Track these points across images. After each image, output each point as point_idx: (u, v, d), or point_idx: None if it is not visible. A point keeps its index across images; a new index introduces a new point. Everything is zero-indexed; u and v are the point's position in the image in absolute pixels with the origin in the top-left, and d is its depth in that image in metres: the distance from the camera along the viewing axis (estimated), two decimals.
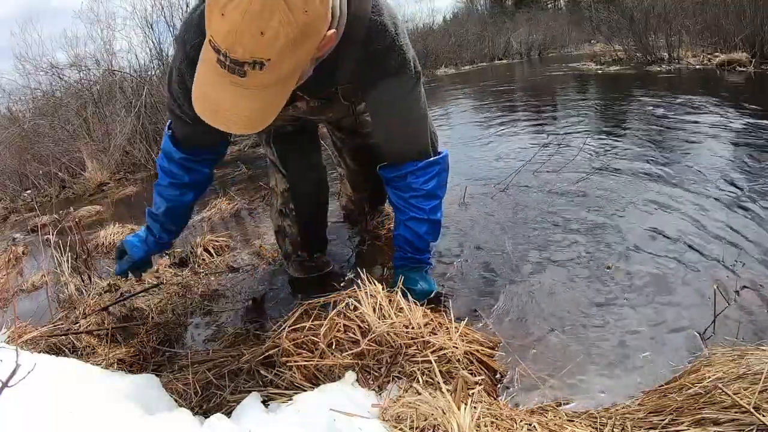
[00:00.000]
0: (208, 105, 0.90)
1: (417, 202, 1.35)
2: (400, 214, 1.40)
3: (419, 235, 1.38)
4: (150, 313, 1.59)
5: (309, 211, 1.64)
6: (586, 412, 0.92)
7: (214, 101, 0.89)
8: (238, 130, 0.93)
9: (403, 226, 1.39)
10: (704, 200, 1.86)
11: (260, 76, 0.84)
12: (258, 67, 0.83)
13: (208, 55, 0.86)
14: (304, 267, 1.70)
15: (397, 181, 1.36)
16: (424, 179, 1.33)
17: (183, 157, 1.31)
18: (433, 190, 1.34)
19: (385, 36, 1.11)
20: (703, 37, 7.31)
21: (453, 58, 13.39)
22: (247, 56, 0.81)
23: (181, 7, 5.93)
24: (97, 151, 4.91)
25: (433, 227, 1.39)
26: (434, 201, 1.36)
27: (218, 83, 0.87)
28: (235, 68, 0.83)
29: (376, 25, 1.09)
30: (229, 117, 0.90)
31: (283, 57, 0.83)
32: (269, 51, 0.81)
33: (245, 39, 0.79)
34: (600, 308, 1.30)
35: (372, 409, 0.87)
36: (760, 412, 0.74)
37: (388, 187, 1.42)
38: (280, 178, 1.61)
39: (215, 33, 0.81)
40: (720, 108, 3.49)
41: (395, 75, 1.18)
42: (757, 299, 1.23)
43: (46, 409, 0.70)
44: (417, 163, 1.31)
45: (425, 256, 1.43)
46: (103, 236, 2.52)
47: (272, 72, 0.84)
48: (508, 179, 2.41)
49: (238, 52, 0.81)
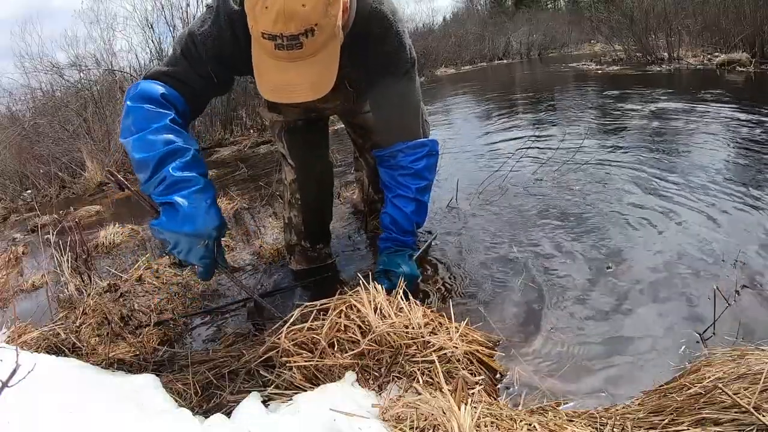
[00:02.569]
0: (281, 88, 1.07)
1: (405, 180, 1.41)
2: (388, 192, 1.46)
3: (405, 213, 1.42)
4: (150, 313, 1.59)
5: (313, 201, 1.70)
6: (586, 412, 0.92)
7: (283, 82, 1.06)
8: (310, 96, 1.08)
9: (391, 205, 1.44)
10: (704, 200, 1.86)
11: (314, 41, 1.02)
12: (310, 34, 1.01)
13: (264, 48, 1.03)
14: (306, 257, 1.76)
15: (387, 160, 1.43)
16: (413, 158, 1.40)
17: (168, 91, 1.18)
18: (420, 171, 1.41)
19: (383, 21, 1.26)
20: (703, 37, 7.31)
21: (453, 58, 13.38)
22: (301, 27, 0.99)
23: (181, 6, 5.93)
24: (97, 151, 4.90)
25: (420, 207, 1.44)
26: (422, 182, 1.42)
27: (280, 67, 1.04)
28: (293, 44, 1.00)
29: (375, 11, 1.24)
30: (299, 88, 1.06)
31: (325, 17, 1.02)
32: (314, 16, 0.99)
33: (293, 13, 0.97)
34: (599, 308, 1.30)
35: (372, 409, 0.87)
36: (760, 412, 0.74)
37: (379, 166, 1.48)
38: (289, 169, 1.67)
39: (266, 24, 0.99)
40: (720, 108, 3.49)
41: (392, 56, 1.30)
42: (757, 299, 1.23)
43: (46, 409, 0.70)
44: (407, 142, 1.40)
45: (410, 239, 1.47)
46: (103, 236, 2.51)
47: (322, 33, 1.02)
48: (507, 179, 2.41)
49: (292, 27, 0.99)
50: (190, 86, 1.22)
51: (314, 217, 1.72)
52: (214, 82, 1.25)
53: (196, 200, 1.07)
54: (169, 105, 1.17)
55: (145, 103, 1.14)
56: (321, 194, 1.73)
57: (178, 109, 1.19)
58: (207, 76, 1.23)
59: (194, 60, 1.21)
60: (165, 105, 1.16)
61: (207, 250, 1.10)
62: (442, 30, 15.74)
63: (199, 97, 1.27)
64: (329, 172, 1.73)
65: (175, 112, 1.17)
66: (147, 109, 1.13)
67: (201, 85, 1.24)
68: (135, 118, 1.13)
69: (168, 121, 1.13)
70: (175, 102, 1.19)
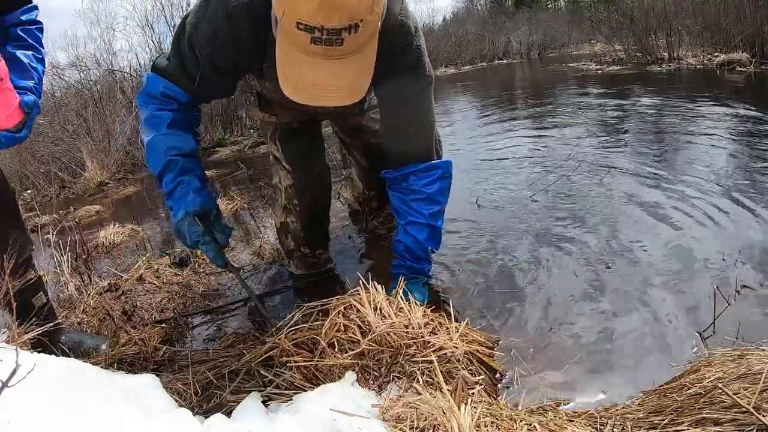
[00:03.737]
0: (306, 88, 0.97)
1: (418, 205, 1.33)
2: (400, 219, 1.38)
3: (419, 241, 1.35)
4: (151, 313, 1.59)
5: (312, 207, 1.65)
6: (586, 412, 0.92)
7: (313, 81, 0.95)
8: (342, 100, 0.99)
9: (403, 232, 1.37)
10: (704, 200, 1.86)
11: (356, 38, 0.91)
12: (353, 30, 0.89)
13: (294, 39, 0.91)
14: (306, 263, 1.71)
15: (399, 183, 1.35)
16: (426, 182, 1.32)
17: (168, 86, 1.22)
18: (434, 195, 1.33)
19: (407, 35, 1.17)
20: (703, 37, 7.30)
21: (453, 58, 13.38)
22: (345, 21, 0.87)
23: (181, 6, 5.93)
24: (97, 151, 4.90)
25: (434, 234, 1.37)
26: (435, 206, 1.34)
27: (311, 64, 0.93)
28: (332, 39, 0.89)
29: (401, 24, 1.15)
30: (331, 91, 0.96)
31: (371, 14, 0.91)
32: (360, 11, 0.88)
33: (339, 5, 0.85)
34: (600, 308, 1.30)
35: (372, 409, 0.87)
36: (760, 412, 0.74)
37: (389, 189, 1.41)
38: (285, 174, 1.61)
39: (305, 12, 0.87)
40: (720, 108, 3.49)
41: (411, 73, 1.22)
42: (757, 299, 1.23)
43: (46, 409, 0.70)
44: (419, 164, 1.31)
45: (424, 266, 1.40)
46: (103, 236, 2.51)
47: (365, 31, 0.91)
48: (507, 180, 2.41)
49: (335, 20, 0.86)
50: (189, 83, 1.21)
51: (313, 223, 1.67)
52: (213, 85, 1.22)
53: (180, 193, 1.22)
54: (171, 101, 1.22)
55: (149, 102, 1.22)
56: (320, 199, 1.67)
57: (180, 102, 1.22)
58: (206, 79, 1.19)
59: (191, 65, 1.17)
60: (166, 102, 1.21)
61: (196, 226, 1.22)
62: (442, 30, 15.74)
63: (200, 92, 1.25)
64: (327, 174, 1.68)
65: (176, 106, 1.22)
66: (150, 112, 1.22)
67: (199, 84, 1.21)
68: (143, 120, 1.24)
69: (165, 127, 1.21)
70: (177, 96, 1.21)
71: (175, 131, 1.21)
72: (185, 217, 1.20)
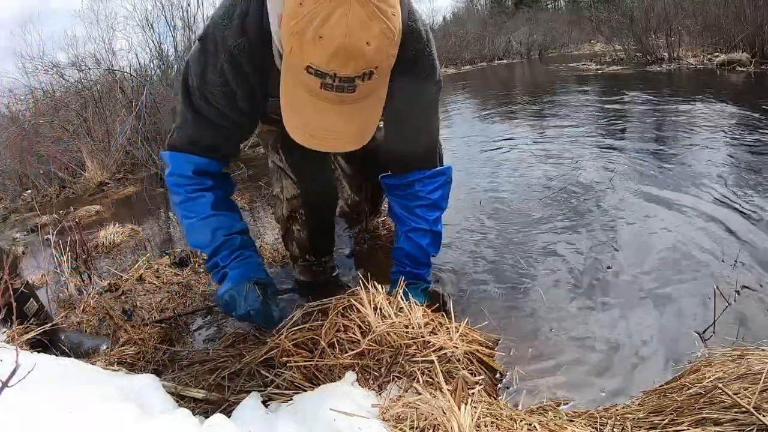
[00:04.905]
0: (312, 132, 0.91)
1: (422, 212, 1.32)
2: (402, 226, 1.36)
3: (421, 247, 1.34)
4: (151, 313, 1.59)
5: (319, 216, 1.62)
6: (586, 412, 0.92)
7: (320, 126, 0.90)
8: (350, 146, 0.94)
9: (405, 238, 1.36)
10: (704, 200, 1.86)
11: (369, 85, 0.86)
12: (368, 77, 0.84)
13: (303, 82, 0.85)
14: (311, 271, 1.69)
15: (403, 189, 1.33)
16: (431, 188, 1.31)
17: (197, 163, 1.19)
18: (438, 201, 1.32)
19: (418, 41, 1.11)
20: (703, 37, 7.31)
21: (453, 58, 13.40)
22: (361, 69, 0.82)
23: (182, 6, 5.92)
24: (98, 151, 4.90)
25: (435, 238, 1.36)
26: (437, 212, 1.34)
27: (319, 108, 0.87)
28: (345, 86, 0.83)
29: (410, 30, 1.08)
30: (339, 136, 0.92)
31: (388, 60, 0.87)
32: (377, 59, 0.83)
33: (355, 53, 0.80)
34: (600, 308, 1.30)
35: (372, 409, 0.87)
36: (760, 412, 0.74)
37: (390, 196, 1.39)
38: (289, 183, 1.56)
39: (316, 58, 0.81)
40: (720, 108, 3.49)
41: (421, 80, 1.16)
42: (757, 299, 1.24)
43: (46, 409, 0.70)
44: (425, 171, 1.30)
45: (424, 271, 1.39)
46: (103, 236, 2.51)
47: (380, 76, 0.87)
48: (507, 180, 2.41)
49: (350, 68, 0.81)
50: (216, 145, 1.17)
51: (319, 231, 1.64)
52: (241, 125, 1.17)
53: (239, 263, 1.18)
54: (205, 177, 1.18)
55: (182, 183, 1.18)
56: (326, 207, 1.64)
57: (215, 174, 1.20)
58: (231, 126, 1.14)
59: (210, 117, 1.12)
60: (200, 180, 1.18)
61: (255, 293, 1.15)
62: (442, 30, 15.77)
63: (230, 148, 1.21)
64: (333, 183, 1.64)
65: (212, 182, 1.19)
66: (185, 194, 1.17)
67: (228, 138, 1.17)
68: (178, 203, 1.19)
69: (210, 208, 1.18)
70: (209, 169, 1.18)
71: (220, 212, 1.19)
72: (244, 282, 1.14)
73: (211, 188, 1.19)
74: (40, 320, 1.29)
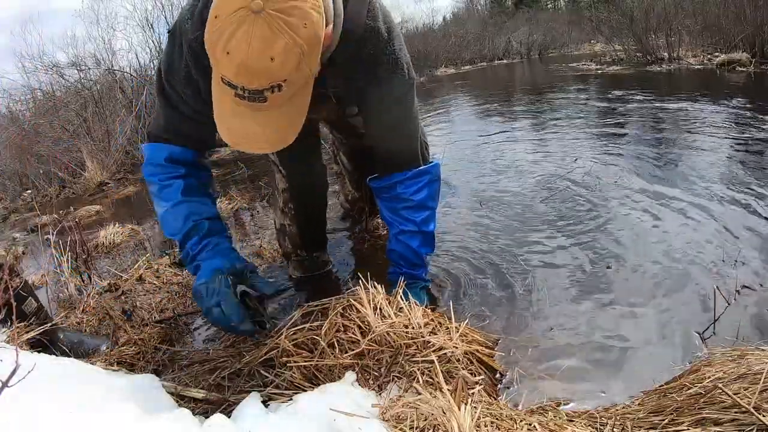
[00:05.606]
0: (237, 136, 0.94)
1: (407, 213, 1.31)
2: (391, 228, 1.36)
3: (412, 249, 1.34)
4: (151, 313, 1.59)
5: (307, 210, 1.64)
6: (586, 412, 0.92)
7: (242, 132, 0.93)
8: (272, 148, 0.99)
9: (395, 241, 1.36)
10: (704, 200, 1.86)
11: (280, 96, 0.87)
12: (276, 89, 0.85)
13: (224, 90, 0.87)
14: (303, 266, 1.71)
15: (386, 192, 1.33)
16: (414, 189, 1.29)
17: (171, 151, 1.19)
18: (423, 201, 1.31)
19: (378, 41, 1.10)
20: (703, 37, 7.31)
21: (453, 58, 13.39)
22: (265, 84, 0.84)
23: (181, 6, 5.92)
24: (98, 151, 4.90)
25: (426, 240, 1.35)
26: (425, 212, 1.32)
27: (240, 114, 0.89)
28: (255, 97, 0.85)
29: (369, 29, 1.08)
30: (261, 140, 0.94)
31: (297, 72, 0.86)
32: (282, 73, 0.84)
33: (258, 70, 0.82)
34: (600, 308, 1.30)
35: (372, 409, 0.87)
36: (760, 412, 0.74)
37: (378, 199, 1.39)
38: (280, 177, 1.61)
39: (226, 71, 0.83)
40: (720, 108, 3.49)
41: (386, 80, 1.15)
42: (757, 299, 1.24)
43: (46, 409, 0.70)
44: (406, 172, 1.29)
45: (420, 271, 1.39)
46: (103, 236, 2.51)
47: (290, 88, 0.87)
48: (507, 180, 2.41)
49: (255, 83, 0.83)
50: (188, 134, 1.17)
51: (309, 226, 1.67)
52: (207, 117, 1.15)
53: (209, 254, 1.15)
54: (178, 165, 1.18)
55: (155, 173, 1.18)
56: (315, 202, 1.66)
57: (188, 162, 1.19)
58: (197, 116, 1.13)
59: (179, 106, 1.13)
60: (173, 168, 1.18)
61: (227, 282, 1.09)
62: (442, 30, 15.75)
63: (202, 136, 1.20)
64: (323, 177, 1.66)
65: (185, 170, 1.19)
66: (158, 183, 1.18)
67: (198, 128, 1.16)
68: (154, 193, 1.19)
69: (180, 195, 1.16)
70: (181, 157, 1.18)
71: (191, 198, 1.17)
72: (215, 275, 1.09)
73: (184, 176, 1.18)
74: (39, 320, 1.29)
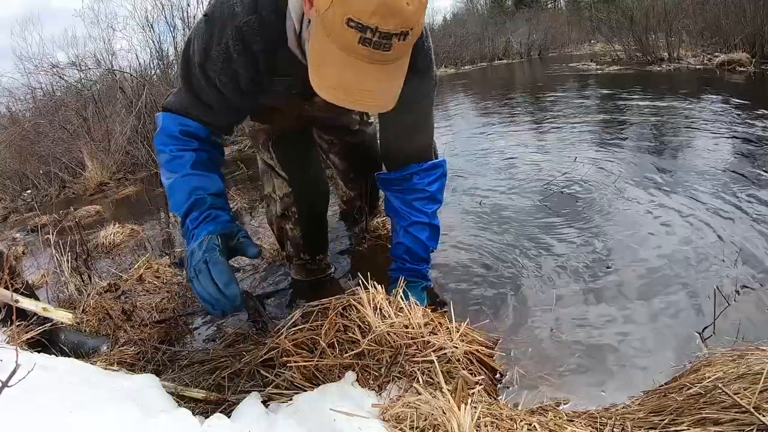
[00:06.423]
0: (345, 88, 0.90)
1: (421, 204, 1.33)
2: (401, 220, 1.36)
3: (421, 241, 1.35)
4: (150, 313, 1.59)
5: (311, 213, 1.62)
6: (586, 412, 0.92)
7: (354, 83, 0.89)
8: (381, 107, 0.96)
9: (404, 233, 1.36)
10: (704, 200, 1.85)
11: (402, 46, 0.87)
12: (403, 37, 0.85)
13: (339, 38, 0.85)
14: (306, 270, 1.70)
15: (400, 183, 1.34)
16: (429, 180, 1.32)
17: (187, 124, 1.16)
18: (435, 193, 1.34)
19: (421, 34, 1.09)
20: (703, 37, 7.32)
21: (453, 58, 13.40)
22: (399, 27, 0.84)
23: (182, 6, 5.93)
24: (97, 151, 4.91)
25: (433, 232, 1.37)
26: (436, 205, 1.35)
27: (354, 66, 0.87)
28: (382, 42, 0.84)
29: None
30: (375, 96, 0.92)
31: (420, 24, 0.88)
32: (413, 19, 0.85)
33: (396, 9, 0.82)
34: (600, 308, 1.30)
35: (372, 409, 0.87)
36: (760, 412, 0.74)
37: (387, 192, 1.39)
38: (280, 182, 1.57)
39: (359, 11, 0.82)
40: (720, 108, 3.49)
41: (420, 75, 1.15)
42: (757, 299, 1.23)
43: (46, 409, 0.70)
44: (422, 164, 1.32)
45: (424, 267, 1.40)
46: (103, 236, 2.52)
47: (412, 40, 0.89)
48: (507, 180, 2.41)
49: (390, 24, 0.83)
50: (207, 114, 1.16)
51: (312, 229, 1.65)
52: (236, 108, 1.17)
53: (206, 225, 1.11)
54: (191, 139, 1.16)
55: (168, 143, 1.16)
56: (318, 204, 1.65)
57: (200, 138, 1.17)
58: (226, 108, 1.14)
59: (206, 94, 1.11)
60: (186, 141, 1.15)
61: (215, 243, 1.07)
62: (442, 30, 15.77)
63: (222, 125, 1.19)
64: (325, 181, 1.65)
65: (197, 144, 1.16)
66: (169, 153, 1.15)
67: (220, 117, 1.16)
68: (162, 163, 1.17)
69: (189, 167, 1.14)
70: (196, 132, 1.16)
71: (199, 171, 1.14)
72: (205, 237, 1.06)
73: (196, 149, 1.16)
74: (39, 320, 1.29)
